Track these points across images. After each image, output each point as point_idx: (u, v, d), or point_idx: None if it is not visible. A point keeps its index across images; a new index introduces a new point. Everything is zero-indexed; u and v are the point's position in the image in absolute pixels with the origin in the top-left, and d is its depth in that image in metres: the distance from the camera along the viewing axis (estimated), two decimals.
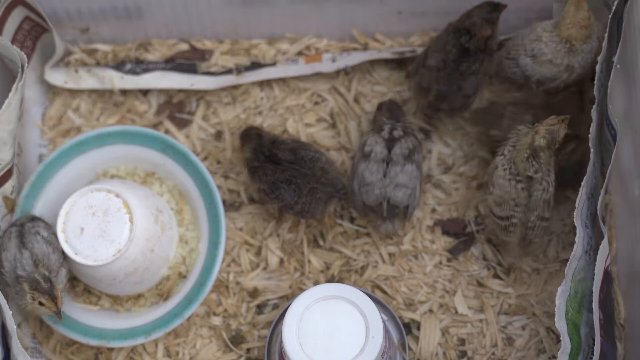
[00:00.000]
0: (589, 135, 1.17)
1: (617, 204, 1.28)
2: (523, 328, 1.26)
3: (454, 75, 1.29)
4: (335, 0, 1.36)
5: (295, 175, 1.26)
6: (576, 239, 1.13)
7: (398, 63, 1.40)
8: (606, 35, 1.20)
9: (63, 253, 1.20)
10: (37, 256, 1.18)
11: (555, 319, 1.10)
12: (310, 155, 1.27)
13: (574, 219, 1.14)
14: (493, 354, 1.25)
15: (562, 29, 1.26)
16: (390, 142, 1.27)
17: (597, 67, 1.19)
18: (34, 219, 1.23)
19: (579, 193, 1.15)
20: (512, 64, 1.30)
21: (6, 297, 1.15)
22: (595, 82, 1.19)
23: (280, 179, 1.26)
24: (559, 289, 1.12)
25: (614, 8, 1.20)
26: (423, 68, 1.32)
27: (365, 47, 1.41)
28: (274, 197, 1.27)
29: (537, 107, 1.30)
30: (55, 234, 1.21)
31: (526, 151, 1.20)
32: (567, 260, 1.28)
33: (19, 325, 1.29)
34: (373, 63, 1.40)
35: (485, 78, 1.32)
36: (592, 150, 1.18)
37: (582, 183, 1.16)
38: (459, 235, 1.31)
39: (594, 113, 1.18)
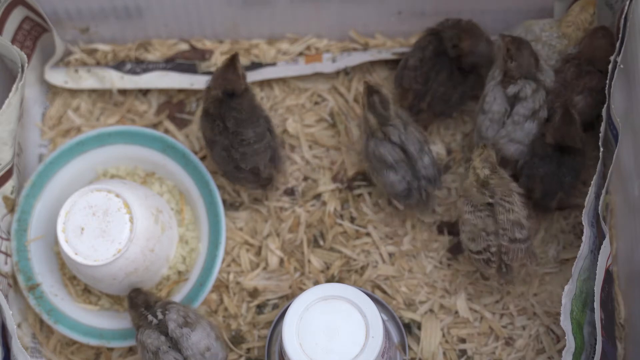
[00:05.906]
0: (599, 135, 1.17)
1: (617, 203, 1.28)
2: (523, 328, 1.26)
3: (449, 83, 1.30)
4: (335, 0, 1.36)
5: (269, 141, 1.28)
6: (583, 238, 1.13)
7: (398, 63, 1.39)
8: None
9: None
10: None
11: (561, 318, 1.10)
12: (263, 117, 1.29)
13: (582, 218, 1.14)
14: (493, 353, 1.25)
15: (562, 26, 1.26)
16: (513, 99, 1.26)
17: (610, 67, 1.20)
18: None
19: (589, 192, 1.15)
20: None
21: (6, 296, 1.15)
22: (607, 81, 1.19)
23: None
24: (565, 287, 1.11)
25: (624, 7, 1.20)
26: (405, 70, 1.32)
27: (365, 47, 1.41)
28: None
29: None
30: None
31: (476, 186, 1.21)
32: (566, 260, 1.28)
33: (19, 325, 1.29)
34: (373, 63, 1.40)
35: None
36: (601, 149, 1.18)
37: (592, 182, 1.16)
38: (459, 235, 1.31)
39: (604, 112, 1.18)
